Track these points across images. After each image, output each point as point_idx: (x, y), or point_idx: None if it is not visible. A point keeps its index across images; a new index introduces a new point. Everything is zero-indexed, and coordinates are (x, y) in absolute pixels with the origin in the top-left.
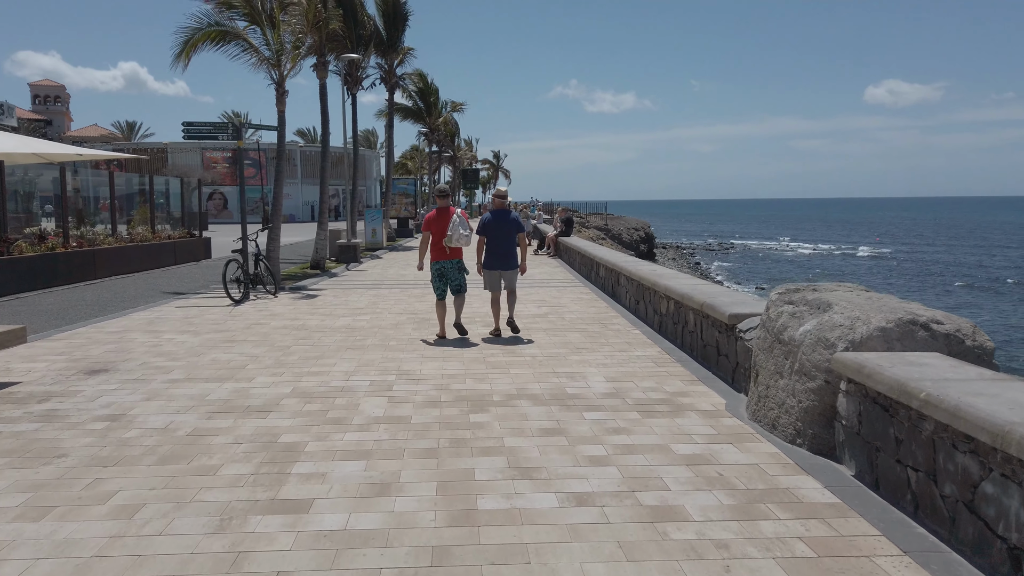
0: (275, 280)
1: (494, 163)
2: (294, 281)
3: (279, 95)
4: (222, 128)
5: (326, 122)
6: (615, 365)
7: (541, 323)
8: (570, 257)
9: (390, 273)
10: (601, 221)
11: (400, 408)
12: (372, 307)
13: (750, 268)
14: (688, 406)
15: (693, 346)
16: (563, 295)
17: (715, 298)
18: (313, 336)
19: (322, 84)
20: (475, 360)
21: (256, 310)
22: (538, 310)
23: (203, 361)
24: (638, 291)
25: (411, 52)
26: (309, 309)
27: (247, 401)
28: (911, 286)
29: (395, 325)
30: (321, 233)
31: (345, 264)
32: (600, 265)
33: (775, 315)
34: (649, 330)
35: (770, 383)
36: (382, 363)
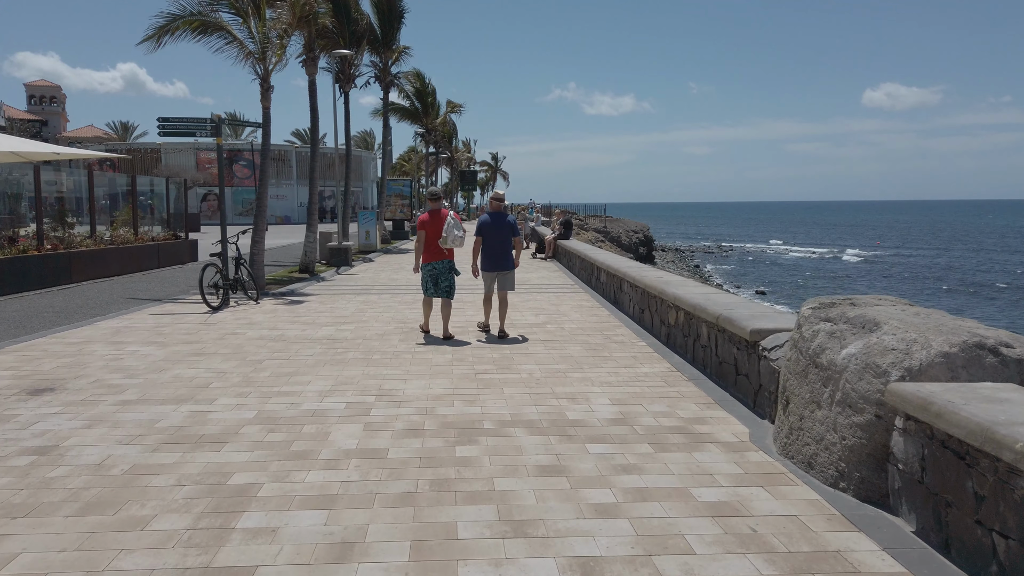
0: (257, 285)
1: (492, 165)
2: (280, 286)
3: (264, 90)
4: (200, 124)
5: (315, 120)
6: (621, 384)
7: (539, 333)
8: (569, 261)
9: (381, 277)
10: (600, 223)
11: (376, 438)
12: (358, 315)
13: (748, 271)
14: (707, 436)
15: (706, 362)
16: (562, 302)
17: (732, 310)
18: (290, 348)
19: (311, 80)
20: (465, 378)
21: (234, 318)
22: (536, 319)
23: (163, 379)
24: (643, 299)
25: (407, 51)
26: (291, 317)
27: (202, 429)
28: (910, 288)
29: (381, 335)
30: (310, 235)
31: (336, 268)
32: (601, 270)
33: (809, 334)
34: (656, 342)
35: (804, 413)
36: (362, 381)
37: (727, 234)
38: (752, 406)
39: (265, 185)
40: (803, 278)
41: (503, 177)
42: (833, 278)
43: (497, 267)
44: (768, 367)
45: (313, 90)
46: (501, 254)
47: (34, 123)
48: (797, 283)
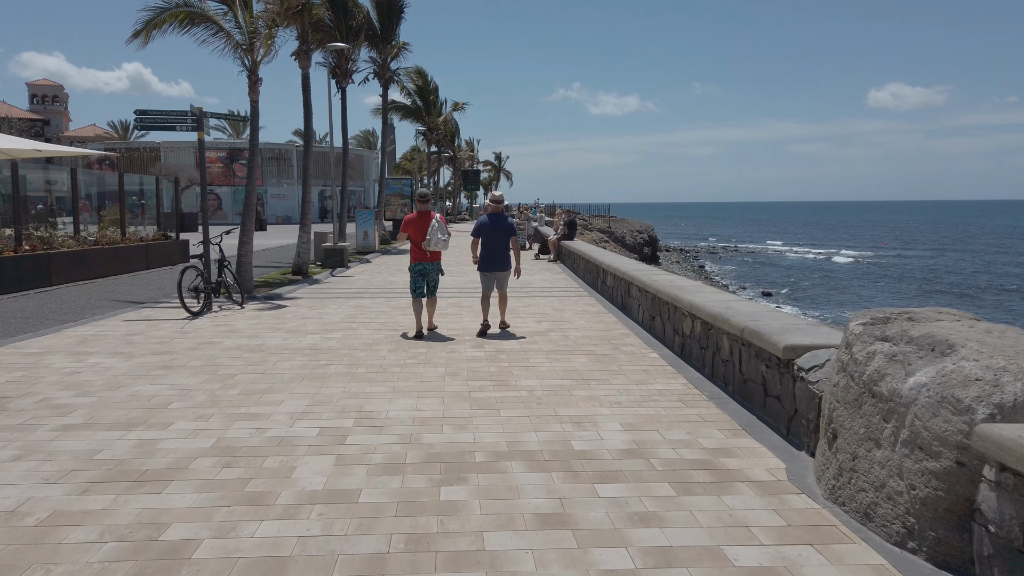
0: (243, 288)
1: (496, 164)
2: (270, 288)
3: (252, 83)
4: (181, 118)
5: (308, 116)
6: (632, 404)
7: (541, 342)
8: (573, 262)
9: (377, 280)
10: (604, 224)
11: (349, 475)
12: (348, 321)
13: (754, 272)
14: (737, 473)
15: (728, 379)
16: (567, 306)
17: (759, 322)
18: (268, 360)
19: (305, 75)
20: (458, 396)
21: (213, 325)
22: (538, 325)
23: (118, 397)
24: (653, 305)
25: (406, 47)
26: (275, 324)
27: (147, 462)
28: (922, 290)
29: (369, 345)
30: (303, 236)
31: (331, 269)
32: (608, 273)
33: (863, 356)
34: (669, 353)
35: (859, 452)
36: (342, 400)
37: (731, 234)
38: (785, 434)
39: (253, 183)
40: (810, 279)
41: (506, 177)
42: (841, 278)
43: (494, 267)
44: (806, 390)
45: (306, 84)
46: (498, 255)
47: (35, 122)
48: (804, 284)
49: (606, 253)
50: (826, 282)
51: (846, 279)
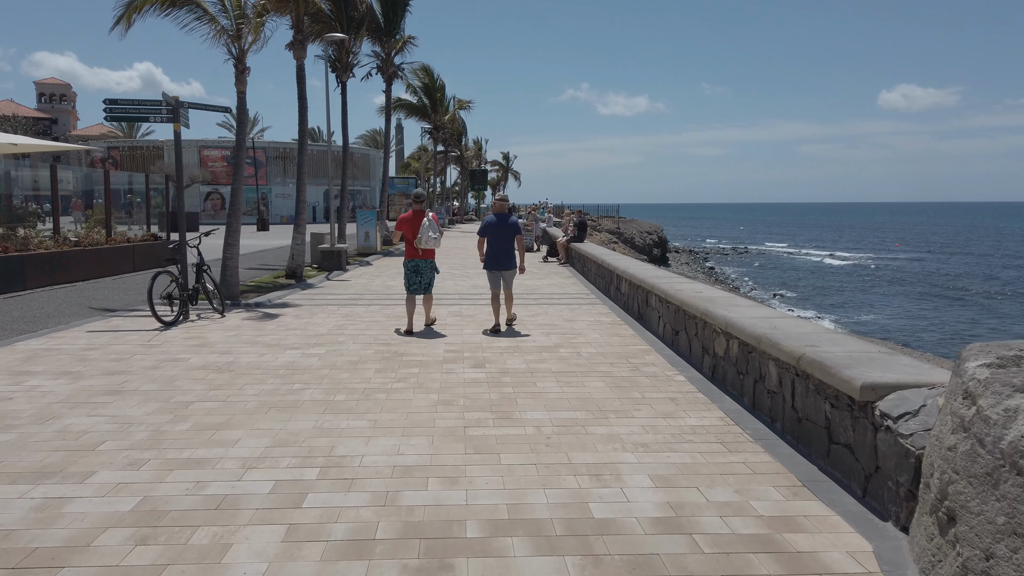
0: (223, 295)
1: (503, 164)
2: (259, 293)
3: (239, 72)
4: (155, 108)
5: (304, 110)
6: (662, 447)
7: (550, 361)
8: (584, 266)
9: (375, 284)
10: (613, 224)
11: (298, 559)
12: (336, 333)
13: (765, 273)
14: (811, 560)
15: (776, 414)
16: (577, 316)
17: (818, 348)
18: (235, 384)
19: (299, 66)
20: (451, 434)
21: (185, 337)
22: (547, 339)
23: (43, 434)
24: (677, 318)
25: (412, 40)
26: (254, 336)
27: (41, 535)
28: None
29: (355, 364)
30: (298, 237)
31: (327, 272)
32: (622, 279)
33: (998, 413)
34: (698, 376)
35: (996, 550)
36: (310, 439)
37: (739, 235)
38: (861, 495)
39: (240, 180)
40: (821, 281)
41: (514, 177)
42: (853, 280)
43: (500, 266)
44: (894, 445)
45: (301, 76)
46: (503, 254)
47: (42, 121)
48: (816, 285)
49: (620, 257)
50: (839, 284)
51: (860, 281)
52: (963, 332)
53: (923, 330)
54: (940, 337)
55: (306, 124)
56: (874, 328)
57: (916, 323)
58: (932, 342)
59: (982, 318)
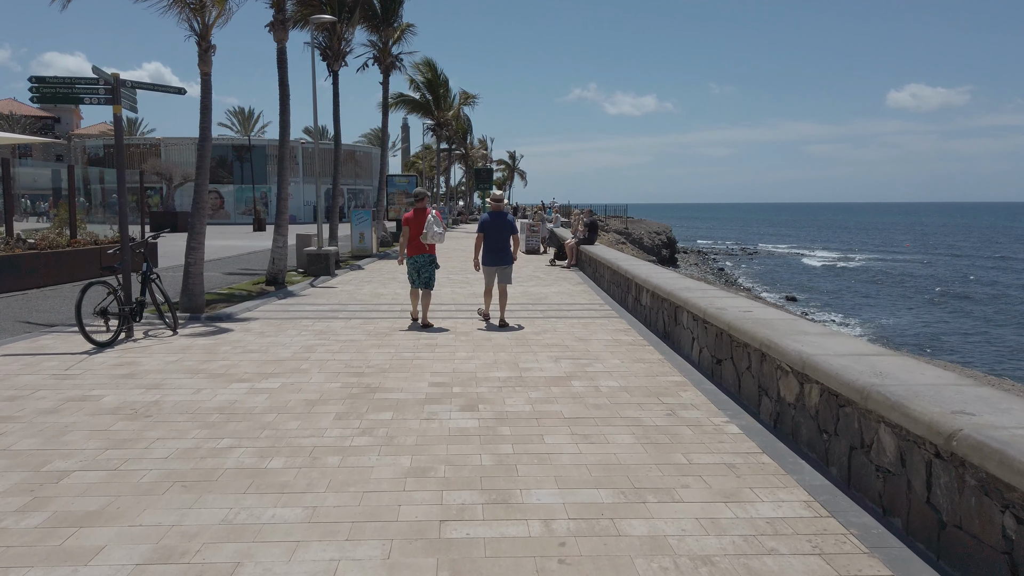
0: (173, 309)
1: (510, 164)
2: (228, 303)
3: (202, 51)
4: (90, 88)
5: (285, 98)
6: (736, 567)
7: (561, 400)
8: (595, 271)
9: (364, 291)
10: (621, 225)
11: None
12: (300, 358)
13: (774, 275)
14: None
15: (894, 504)
16: (591, 334)
17: (978, 417)
18: (144, 438)
19: (280, 49)
20: (419, 536)
21: (114, 364)
22: (556, 368)
23: None
24: (720, 344)
25: (411, 29)
26: (199, 361)
27: None
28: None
29: (311, 405)
30: (279, 239)
31: (313, 278)
32: (642, 289)
33: None
34: (753, 424)
35: None
36: (209, 548)
37: (747, 235)
38: None
39: (205, 175)
40: (833, 283)
41: (520, 176)
42: (866, 283)
43: (497, 262)
44: None
45: (282, 61)
46: (501, 250)
47: (44, 120)
48: (828, 288)
49: (638, 263)
50: (852, 287)
51: (872, 283)
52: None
53: (959, 338)
54: (994, 352)
55: (288, 114)
56: (902, 335)
57: (942, 328)
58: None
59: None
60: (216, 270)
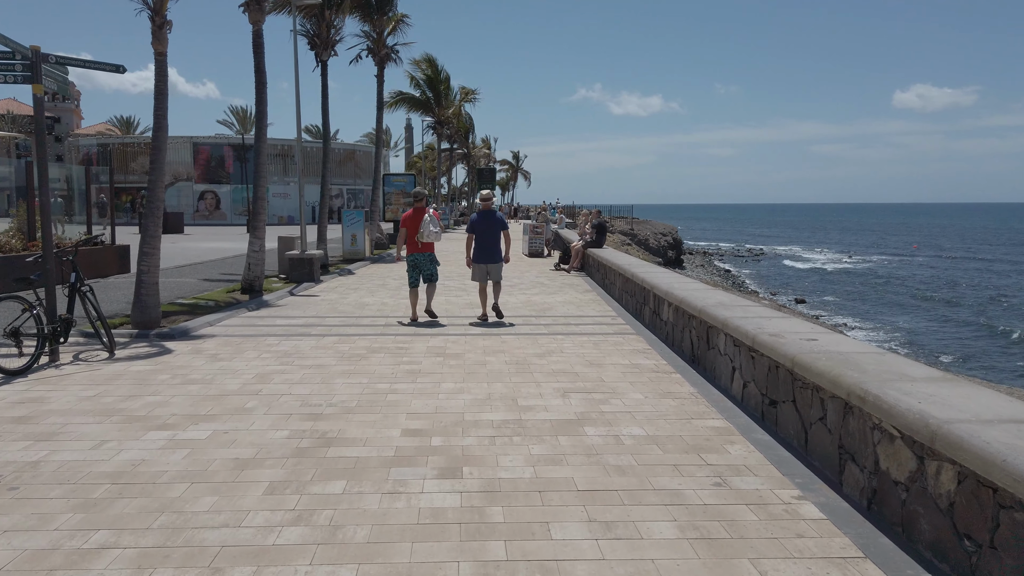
0: (106, 327)
1: (513, 164)
2: (192, 316)
3: (156, 27)
4: (6, 64)
5: (262, 85)
6: None
7: (572, 457)
8: (605, 277)
9: (348, 301)
10: (626, 225)
11: None
12: (248, 393)
13: (781, 277)
14: None
15: None
16: (605, 356)
17: None
18: None
19: (256, 31)
20: None
21: (16, 400)
22: (565, 404)
23: None
24: (775, 381)
25: (405, 19)
26: (123, 396)
27: None
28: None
29: (240, 469)
30: (255, 243)
31: (295, 284)
32: (663, 302)
33: None
34: (836, 501)
35: None
36: None
37: (753, 236)
38: None
39: (160, 172)
40: (841, 284)
41: (524, 177)
42: (875, 285)
43: (488, 259)
44: None
45: (259, 44)
46: (491, 248)
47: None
48: (838, 290)
49: (657, 270)
50: (861, 289)
51: (882, 285)
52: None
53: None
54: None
55: (264, 104)
56: (920, 341)
57: (960, 333)
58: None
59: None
60: (194, 275)
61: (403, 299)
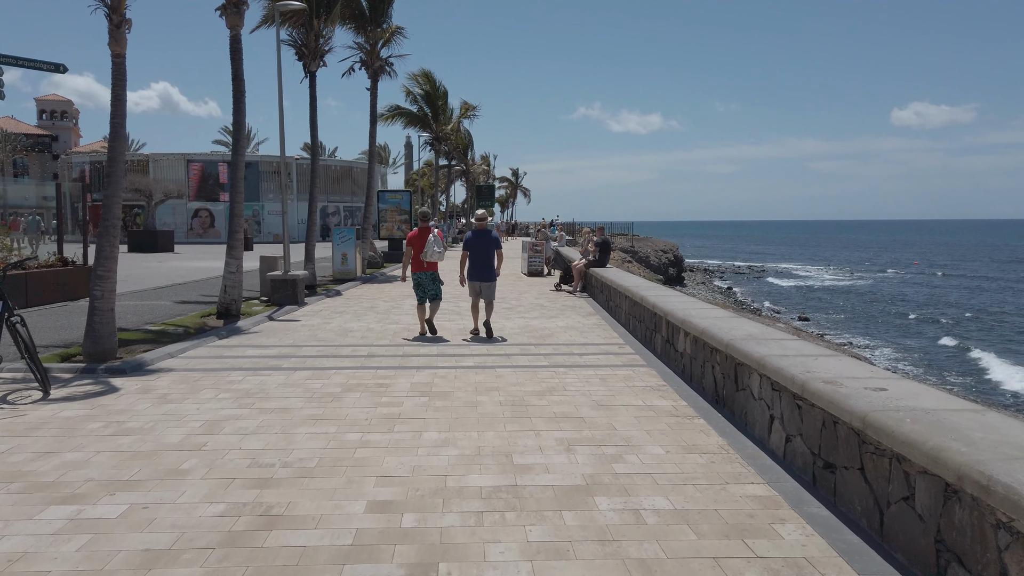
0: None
1: (513, 181)
2: (156, 344)
3: (113, 27)
4: None
5: (240, 95)
6: None
7: (580, 548)
8: (609, 299)
9: (331, 326)
10: (627, 242)
11: None
12: (189, 448)
13: (783, 294)
14: None
15: None
16: (614, 393)
17: None
18: None
19: (233, 36)
20: None
21: None
22: (568, 462)
23: None
24: (831, 439)
25: (400, 31)
26: (36, 455)
27: None
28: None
29: (144, 570)
30: (232, 263)
31: (277, 307)
32: (678, 330)
33: None
34: None
35: None
36: None
37: (753, 253)
38: None
39: (117, 188)
40: (844, 302)
41: (523, 194)
42: (875, 302)
43: (480, 278)
44: None
45: (236, 50)
46: (484, 267)
47: (42, 138)
48: (841, 307)
49: (669, 293)
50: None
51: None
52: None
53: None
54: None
55: (242, 114)
56: (935, 362)
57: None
58: None
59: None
60: (173, 297)
61: (391, 324)
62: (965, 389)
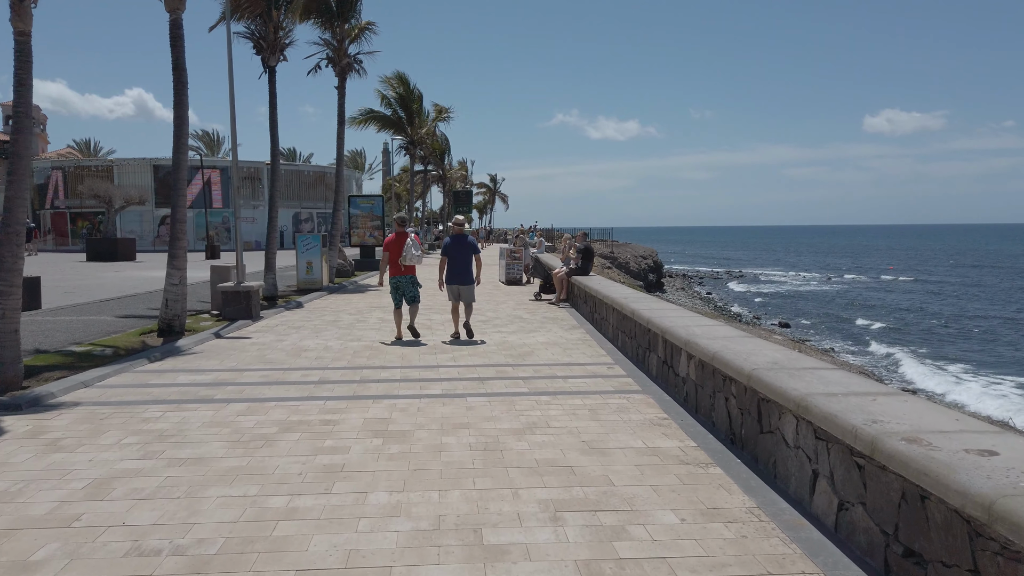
0: None
1: (491, 187)
2: (69, 372)
3: (16, 1)
4: None
5: (181, 86)
6: None
7: None
8: (594, 311)
9: (284, 345)
10: (607, 249)
11: None
12: (57, 525)
13: (762, 299)
14: None
15: None
16: (607, 430)
17: None
18: None
19: (173, 21)
20: None
21: None
22: (555, 539)
23: None
24: (914, 516)
25: (371, 27)
26: None
27: None
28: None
29: None
30: (173, 274)
31: (228, 322)
32: (679, 351)
33: None
34: None
35: None
36: None
37: (730, 258)
38: None
39: (20, 186)
40: (823, 307)
41: (502, 200)
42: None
43: (458, 281)
44: None
45: (177, 36)
46: (462, 271)
47: (4, 143)
48: (820, 312)
49: (665, 307)
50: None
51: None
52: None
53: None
54: None
55: (183, 107)
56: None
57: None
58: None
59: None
60: (116, 311)
61: (352, 341)
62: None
